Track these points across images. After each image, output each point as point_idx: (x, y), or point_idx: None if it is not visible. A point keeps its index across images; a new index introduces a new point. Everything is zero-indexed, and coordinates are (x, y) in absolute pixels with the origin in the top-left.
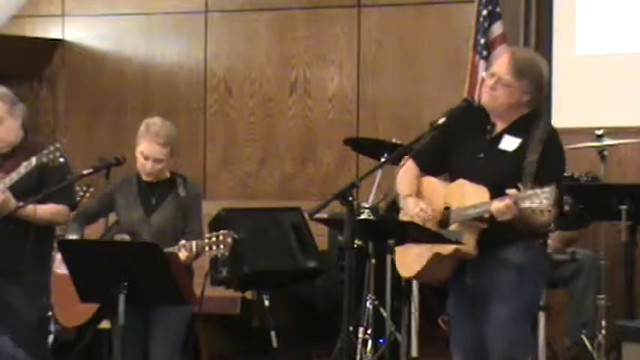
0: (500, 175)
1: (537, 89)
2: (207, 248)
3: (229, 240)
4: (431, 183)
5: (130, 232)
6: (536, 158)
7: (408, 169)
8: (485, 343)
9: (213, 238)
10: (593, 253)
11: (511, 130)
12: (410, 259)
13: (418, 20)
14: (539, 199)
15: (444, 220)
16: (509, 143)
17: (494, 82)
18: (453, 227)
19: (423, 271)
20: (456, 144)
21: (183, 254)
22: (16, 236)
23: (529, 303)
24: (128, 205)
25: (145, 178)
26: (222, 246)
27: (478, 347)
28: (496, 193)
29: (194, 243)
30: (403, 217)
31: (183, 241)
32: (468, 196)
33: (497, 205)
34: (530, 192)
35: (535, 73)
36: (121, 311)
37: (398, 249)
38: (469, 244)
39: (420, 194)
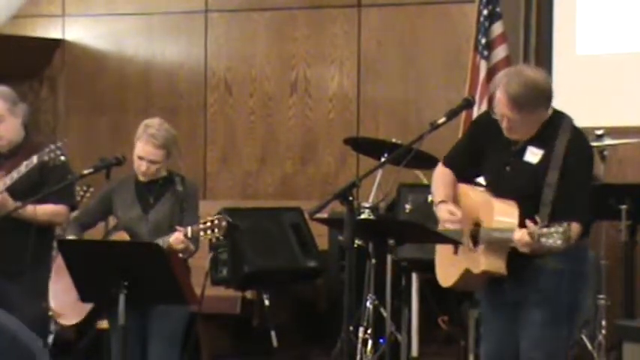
0: (525, 189)
1: (547, 100)
2: (202, 233)
3: (224, 223)
4: (465, 191)
5: (128, 230)
6: (556, 179)
7: (441, 174)
8: (520, 347)
9: (208, 223)
10: (594, 252)
11: (534, 140)
12: (447, 270)
13: (418, 20)
14: (552, 239)
15: (474, 237)
16: (533, 155)
17: (506, 123)
18: (481, 247)
19: (457, 283)
20: (485, 151)
21: (178, 238)
22: (17, 236)
23: (566, 308)
24: (126, 204)
25: (140, 178)
26: (216, 229)
27: (506, 349)
28: (523, 205)
29: (189, 228)
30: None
31: (178, 227)
32: (497, 212)
33: (518, 238)
34: (545, 230)
35: (536, 95)
36: (121, 311)
37: (437, 256)
38: (499, 264)
39: (456, 201)
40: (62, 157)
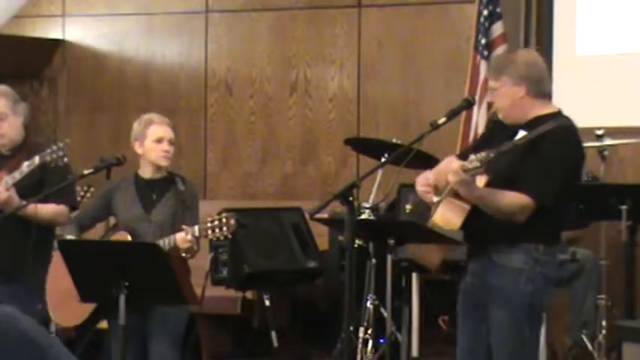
0: (503, 166)
1: (524, 78)
2: (209, 232)
3: (232, 222)
4: None
5: (130, 229)
6: (514, 144)
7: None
8: (491, 346)
9: (216, 221)
10: (594, 253)
11: (526, 126)
12: None
13: (418, 20)
14: (473, 163)
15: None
16: (519, 138)
17: (490, 96)
18: (442, 202)
19: (418, 249)
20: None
21: (184, 238)
22: (17, 235)
23: (526, 307)
24: (127, 203)
25: (162, 164)
26: (225, 228)
27: (477, 347)
28: (500, 181)
29: (196, 227)
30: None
31: (185, 227)
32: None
33: (451, 165)
34: (472, 157)
35: (511, 65)
36: (122, 311)
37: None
38: (452, 221)
39: None
40: (65, 159)
